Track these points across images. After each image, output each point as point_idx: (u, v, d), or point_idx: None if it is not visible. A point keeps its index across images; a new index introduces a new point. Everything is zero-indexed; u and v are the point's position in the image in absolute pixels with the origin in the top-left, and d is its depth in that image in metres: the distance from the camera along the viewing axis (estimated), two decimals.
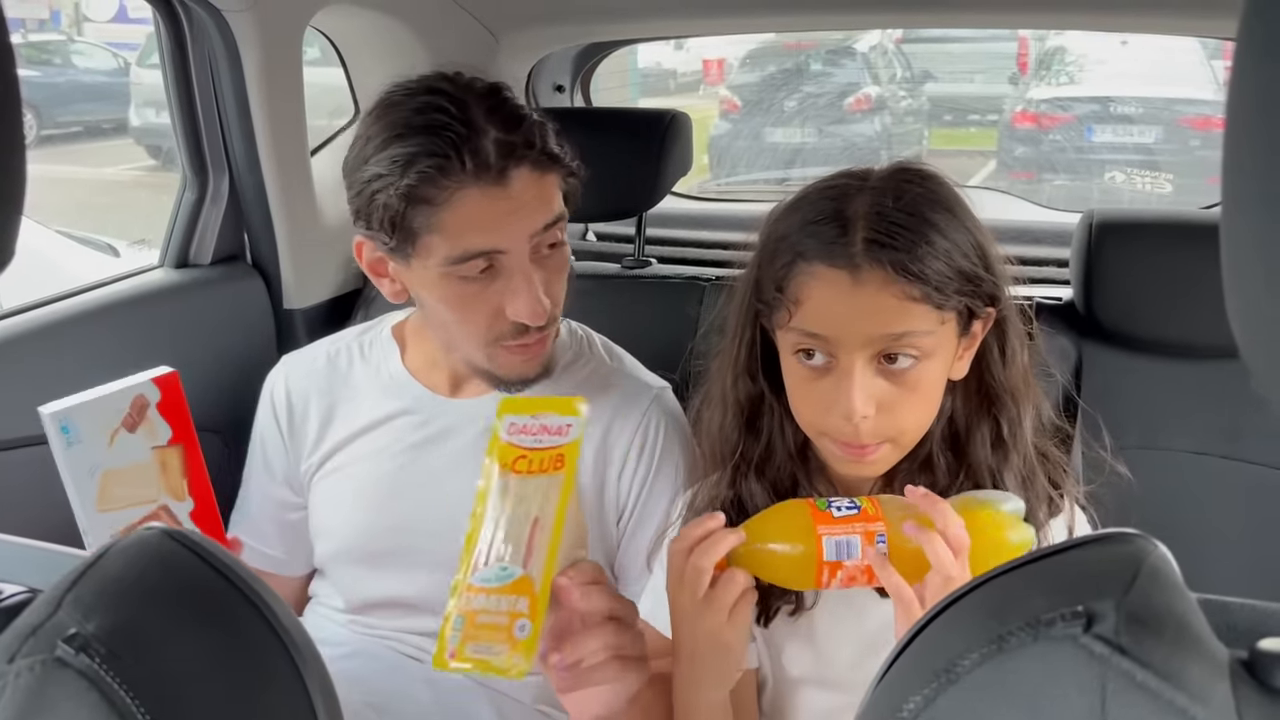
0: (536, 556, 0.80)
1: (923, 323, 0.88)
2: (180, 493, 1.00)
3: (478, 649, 0.77)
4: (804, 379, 0.92)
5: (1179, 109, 7.28)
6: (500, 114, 1.06)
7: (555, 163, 1.09)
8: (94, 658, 0.48)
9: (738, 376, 1.00)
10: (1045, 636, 0.42)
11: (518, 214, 1.05)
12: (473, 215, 1.04)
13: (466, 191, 1.03)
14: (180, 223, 1.56)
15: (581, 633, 0.84)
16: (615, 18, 1.96)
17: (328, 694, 0.56)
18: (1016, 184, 6.65)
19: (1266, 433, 1.35)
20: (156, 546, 0.55)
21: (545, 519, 0.81)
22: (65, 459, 0.94)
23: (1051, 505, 0.97)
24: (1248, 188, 0.37)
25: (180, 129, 1.53)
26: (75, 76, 8.74)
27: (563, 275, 1.13)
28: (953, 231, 0.89)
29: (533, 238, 1.07)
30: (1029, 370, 0.98)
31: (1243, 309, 0.39)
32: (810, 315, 0.89)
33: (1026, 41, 8.85)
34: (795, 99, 8.34)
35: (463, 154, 1.02)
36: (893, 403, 0.89)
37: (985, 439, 0.95)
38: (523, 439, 0.84)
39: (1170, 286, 1.36)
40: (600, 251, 1.98)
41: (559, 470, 0.82)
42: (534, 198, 1.06)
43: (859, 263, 0.87)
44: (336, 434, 1.22)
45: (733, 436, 1.00)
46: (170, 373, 1.00)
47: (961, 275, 0.89)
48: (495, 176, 1.04)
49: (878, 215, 0.88)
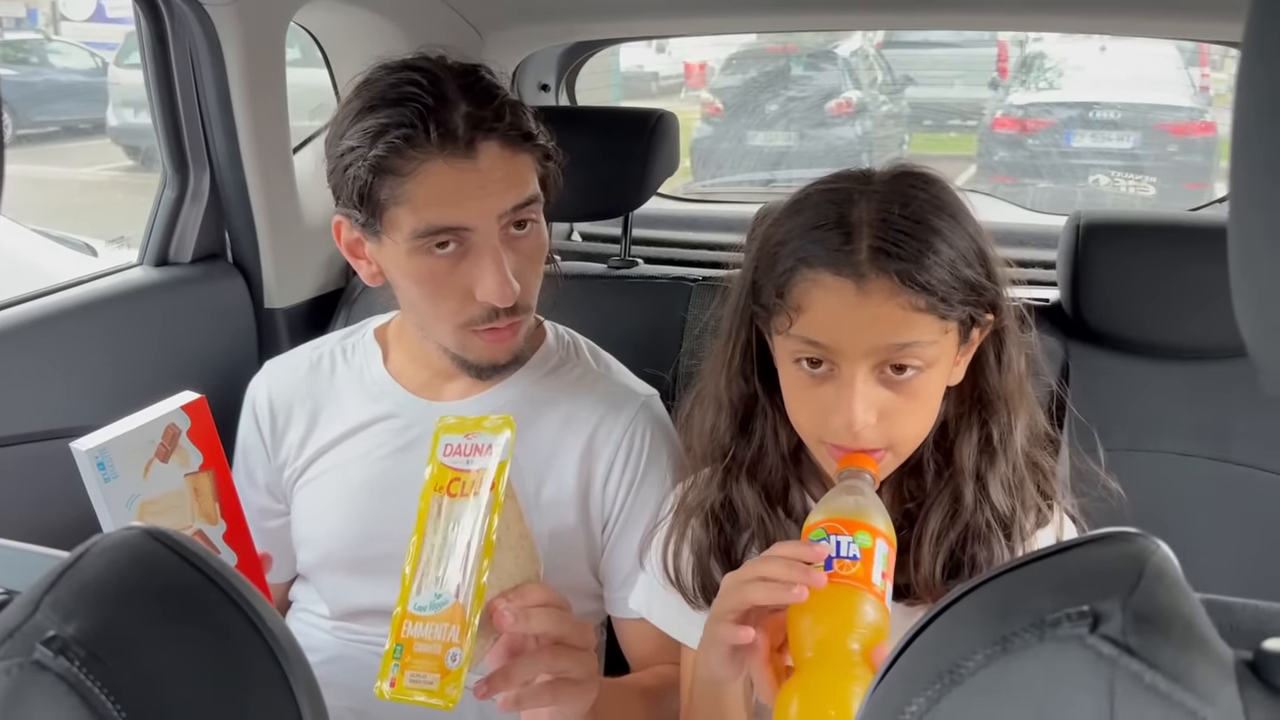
0: (467, 583, 0.79)
1: (927, 333, 0.87)
2: (214, 516, 1.00)
3: (414, 678, 0.78)
4: (803, 386, 0.91)
5: (1157, 115, 7.36)
6: (474, 90, 1.04)
7: (527, 140, 1.06)
8: (73, 660, 0.47)
9: (731, 378, 0.99)
10: (1051, 637, 0.41)
11: (484, 190, 1.03)
12: (438, 188, 1.03)
13: (433, 164, 1.02)
14: (160, 220, 1.55)
15: (525, 656, 0.84)
16: (600, 17, 1.95)
17: (314, 697, 0.55)
18: (999, 188, 6.70)
19: (1253, 434, 1.36)
20: (137, 546, 0.54)
21: (475, 543, 0.80)
22: (102, 493, 0.93)
23: (1039, 515, 0.96)
24: (1259, 184, 0.37)
25: (161, 125, 1.51)
26: (52, 76, 8.65)
27: (536, 261, 1.11)
28: (957, 239, 0.88)
29: (501, 217, 1.05)
30: (1025, 378, 0.97)
31: (1253, 306, 0.39)
32: (812, 323, 0.88)
33: (1006, 47, 8.92)
34: (777, 102, 8.38)
35: (429, 125, 1.01)
36: (894, 411, 0.88)
37: (974, 444, 0.94)
38: (456, 460, 0.84)
39: (1158, 288, 1.37)
40: (586, 252, 1.97)
41: (486, 491, 0.81)
42: (503, 175, 1.04)
43: (865, 272, 0.85)
44: (319, 439, 1.21)
45: (724, 438, 1.00)
46: (199, 399, 1.00)
47: (965, 285, 0.88)
48: (463, 150, 1.02)
49: (884, 223, 0.86)
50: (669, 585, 1.02)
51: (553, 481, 1.14)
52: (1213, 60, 7.83)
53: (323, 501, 1.20)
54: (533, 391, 1.17)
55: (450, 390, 1.18)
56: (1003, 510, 0.93)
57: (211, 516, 1.00)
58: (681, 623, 1.03)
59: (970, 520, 0.93)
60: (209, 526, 1.00)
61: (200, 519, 0.99)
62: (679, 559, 1.01)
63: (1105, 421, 1.22)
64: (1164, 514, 1.33)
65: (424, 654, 0.78)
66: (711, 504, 1.00)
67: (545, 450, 1.15)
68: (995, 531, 0.92)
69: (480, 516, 0.80)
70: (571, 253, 1.93)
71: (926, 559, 0.92)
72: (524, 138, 1.06)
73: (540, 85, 2.13)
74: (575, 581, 1.16)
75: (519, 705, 0.85)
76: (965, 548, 0.93)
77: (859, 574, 0.80)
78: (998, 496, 0.93)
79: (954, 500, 0.93)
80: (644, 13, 1.94)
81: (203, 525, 0.99)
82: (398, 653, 0.79)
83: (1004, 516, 0.93)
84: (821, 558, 0.80)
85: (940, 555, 0.93)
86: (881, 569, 0.81)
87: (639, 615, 1.12)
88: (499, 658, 0.86)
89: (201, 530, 0.99)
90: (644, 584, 1.08)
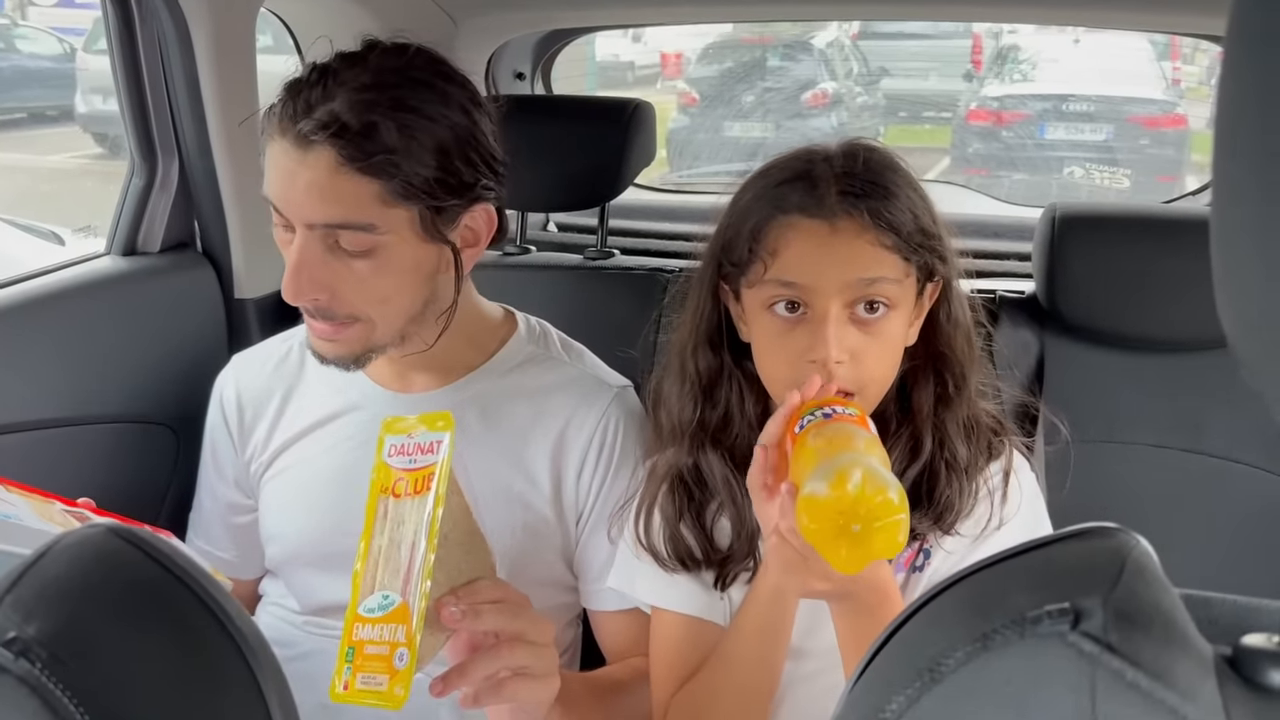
0: (412, 583, 0.80)
1: (892, 270, 0.94)
2: None
3: (366, 680, 0.79)
4: (777, 333, 0.95)
5: (1130, 108, 7.42)
6: (360, 86, 1.00)
7: (360, 161, 0.98)
8: (35, 663, 0.46)
9: (697, 345, 1.03)
10: (1032, 634, 0.41)
11: (300, 188, 1.00)
12: (270, 163, 1.03)
13: (274, 141, 1.02)
14: (128, 209, 1.52)
15: (482, 652, 0.85)
16: (576, 4, 1.94)
17: (283, 696, 0.54)
18: (973, 179, 6.73)
19: (1228, 427, 1.37)
20: (101, 544, 0.53)
21: (419, 543, 0.81)
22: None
23: (992, 450, 1.02)
24: (1243, 176, 0.36)
25: (128, 112, 1.49)
26: (19, 62, 8.52)
27: (365, 281, 1.02)
28: (912, 193, 0.96)
29: (314, 226, 1.00)
30: (972, 332, 1.03)
31: (1235, 299, 0.39)
32: (787, 264, 0.94)
33: (981, 39, 8.96)
34: (753, 93, 8.38)
35: (285, 106, 1.01)
36: (863, 352, 0.93)
37: (930, 393, 1.00)
38: (399, 460, 0.84)
39: (1133, 280, 1.38)
40: (562, 242, 1.96)
41: (428, 490, 0.81)
42: (324, 185, 0.98)
43: (835, 212, 0.93)
44: (286, 431, 1.19)
45: (688, 405, 1.03)
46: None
47: (922, 231, 0.95)
48: (295, 141, 0.99)
49: (847, 175, 0.94)
50: (641, 551, 1.04)
51: (524, 474, 1.13)
52: (1184, 54, 7.91)
53: (288, 497, 1.18)
54: (503, 383, 1.16)
55: (419, 382, 1.16)
56: (960, 453, 0.98)
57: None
58: (659, 586, 1.05)
59: (930, 460, 0.98)
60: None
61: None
62: (650, 525, 1.04)
63: (1080, 414, 1.22)
64: (1138, 506, 1.34)
65: (374, 655, 0.79)
66: (680, 469, 1.03)
67: (517, 443, 1.14)
68: (955, 468, 0.98)
69: (424, 516, 0.81)
70: (547, 243, 1.92)
71: None
72: (360, 160, 0.98)
73: (515, 74, 2.11)
74: (549, 574, 1.16)
75: (478, 702, 0.85)
76: (924, 483, 0.98)
77: (858, 419, 0.87)
78: (955, 438, 0.99)
79: (912, 442, 0.99)
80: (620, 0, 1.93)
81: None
82: (350, 655, 0.80)
83: (963, 458, 0.98)
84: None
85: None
86: (875, 430, 0.87)
87: (615, 607, 1.13)
88: (458, 654, 0.87)
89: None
90: (620, 562, 1.09)
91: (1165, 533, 1.41)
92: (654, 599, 1.06)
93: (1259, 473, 1.36)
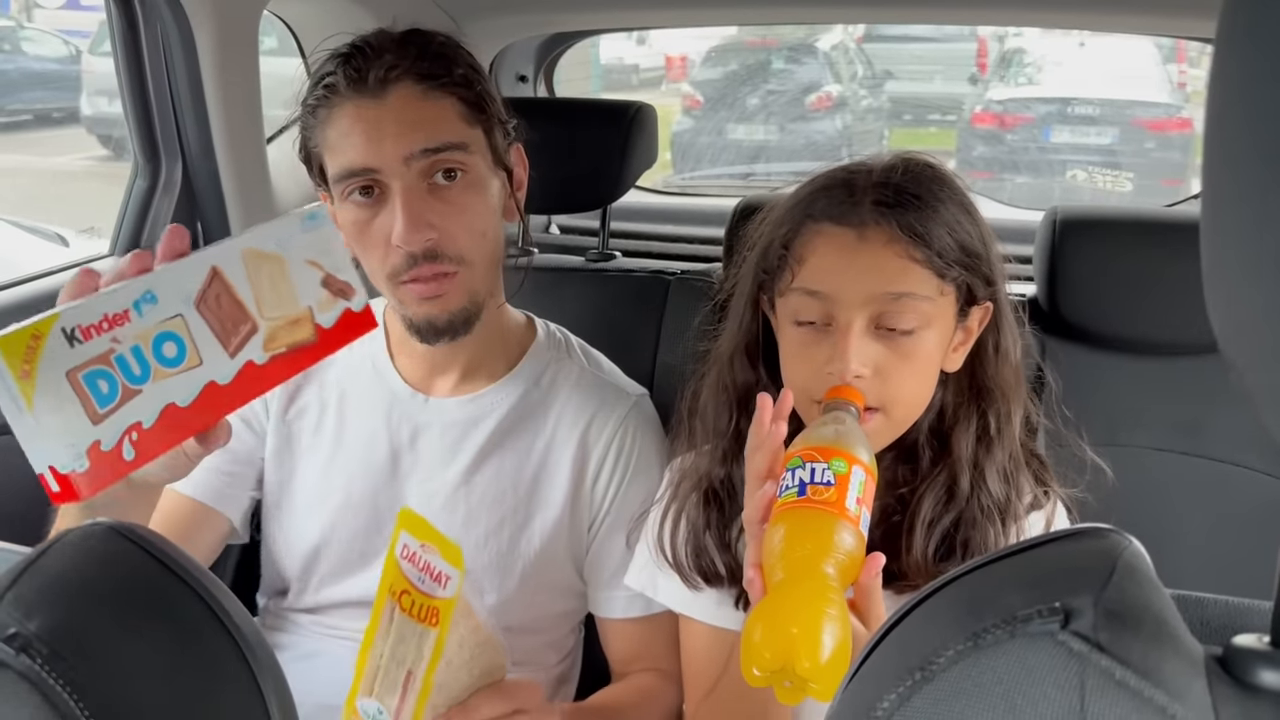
0: (407, 705, 0.81)
1: (922, 287, 0.89)
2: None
3: None
4: (801, 344, 0.93)
5: (1135, 111, 7.41)
6: (406, 42, 1.04)
7: (439, 79, 1.03)
8: (35, 658, 0.46)
9: (734, 355, 1.01)
10: (1022, 633, 0.41)
11: (390, 131, 1.01)
12: (347, 130, 1.02)
13: (344, 107, 1.03)
14: (131, 211, 1.52)
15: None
16: (578, 7, 1.94)
17: (282, 694, 0.54)
18: (977, 182, 6.73)
19: (1227, 429, 1.36)
20: (101, 542, 0.53)
21: (416, 676, 0.81)
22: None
23: (1034, 501, 0.97)
24: (1231, 180, 0.36)
25: (132, 114, 1.49)
26: (25, 64, 8.54)
27: (466, 212, 1.05)
28: (956, 209, 0.92)
29: (410, 160, 1.02)
30: (1020, 369, 0.99)
31: (1223, 302, 0.39)
32: (812, 272, 0.91)
33: (986, 42, 8.95)
34: (757, 96, 8.38)
35: (345, 70, 1.02)
36: (888, 369, 0.89)
37: (971, 433, 0.96)
38: (410, 569, 0.82)
39: (1133, 284, 1.38)
40: (564, 244, 1.96)
41: (434, 626, 0.81)
42: (414, 117, 1.02)
43: (865, 220, 0.89)
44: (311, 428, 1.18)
45: (724, 415, 1.01)
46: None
47: (962, 248, 0.91)
48: (372, 90, 1.02)
49: (886, 184, 0.91)
50: (663, 561, 1.02)
51: (546, 481, 1.14)
52: (1190, 57, 7.88)
53: (314, 494, 1.17)
54: (525, 390, 1.16)
55: (441, 386, 1.16)
56: (998, 497, 0.94)
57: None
58: (685, 597, 1.03)
59: (965, 507, 0.94)
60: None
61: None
62: (675, 534, 1.01)
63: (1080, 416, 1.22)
64: (1137, 509, 1.34)
65: None
66: (712, 480, 1.00)
67: (539, 450, 1.14)
68: (990, 516, 0.94)
69: (425, 650, 0.81)
70: (549, 245, 1.92)
71: (919, 543, 0.93)
72: (439, 78, 1.03)
73: (518, 76, 2.12)
74: (559, 579, 1.16)
75: None
76: (959, 532, 0.94)
77: (832, 498, 0.79)
78: (994, 484, 0.94)
79: (949, 487, 0.94)
80: (623, 3, 1.93)
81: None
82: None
83: (999, 503, 0.94)
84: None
85: (933, 540, 0.93)
86: (857, 495, 0.80)
87: (622, 614, 1.13)
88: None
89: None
90: (638, 566, 1.08)
91: (1164, 534, 1.40)
92: (679, 607, 1.04)
93: (1259, 476, 1.36)
